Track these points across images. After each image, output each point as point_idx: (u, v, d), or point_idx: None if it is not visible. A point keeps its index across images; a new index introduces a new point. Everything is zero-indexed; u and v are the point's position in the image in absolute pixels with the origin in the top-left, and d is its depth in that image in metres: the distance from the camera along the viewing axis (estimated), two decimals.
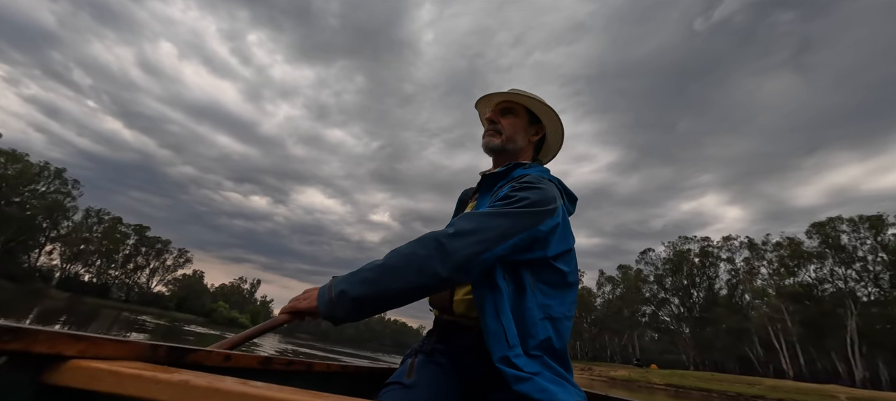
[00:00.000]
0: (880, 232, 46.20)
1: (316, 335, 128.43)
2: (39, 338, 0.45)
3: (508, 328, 0.79)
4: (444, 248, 0.75)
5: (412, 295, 0.76)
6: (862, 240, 47.35)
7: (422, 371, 0.90)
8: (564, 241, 0.91)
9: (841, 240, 47.99)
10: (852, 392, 26.76)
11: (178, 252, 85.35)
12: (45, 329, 0.47)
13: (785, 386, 28.63)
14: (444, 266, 0.74)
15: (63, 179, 60.92)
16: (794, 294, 46.69)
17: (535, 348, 0.81)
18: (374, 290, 0.74)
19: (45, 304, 26.53)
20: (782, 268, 51.03)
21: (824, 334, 43.41)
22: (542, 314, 0.84)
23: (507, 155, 1.10)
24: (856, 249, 47.33)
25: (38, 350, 0.46)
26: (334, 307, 0.75)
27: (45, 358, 0.47)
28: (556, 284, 0.89)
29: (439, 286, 0.76)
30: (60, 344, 0.47)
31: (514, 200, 0.85)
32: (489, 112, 1.14)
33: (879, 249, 45.89)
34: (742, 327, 48.73)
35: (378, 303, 0.75)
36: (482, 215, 0.81)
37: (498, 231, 0.79)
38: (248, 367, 0.79)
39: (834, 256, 47.66)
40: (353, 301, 0.74)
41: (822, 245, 48.29)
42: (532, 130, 1.12)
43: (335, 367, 1.08)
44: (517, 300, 0.84)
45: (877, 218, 46.49)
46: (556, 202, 0.88)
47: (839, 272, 47.13)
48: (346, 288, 0.75)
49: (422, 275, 0.74)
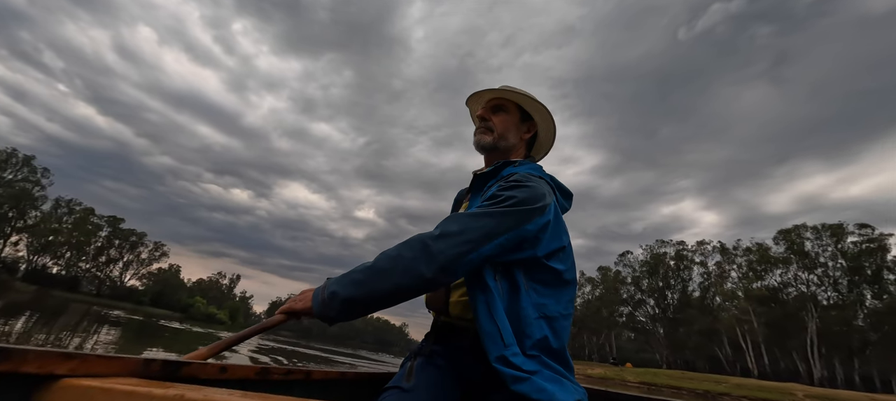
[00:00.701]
0: (840, 240, 49.05)
1: (298, 333, 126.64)
2: (28, 357, 0.44)
3: (503, 328, 0.80)
4: (429, 249, 0.76)
5: (400, 296, 0.77)
6: (824, 247, 50.15)
7: (421, 374, 0.91)
8: (557, 238, 0.90)
9: (805, 246, 50.66)
10: (809, 390, 28.46)
11: (153, 245, 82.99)
12: (33, 348, 0.45)
13: (749, 384, 30.11)
14: (428, 268, 0.75)
15: (32, 166, 58.42)
16: (760, 297, 49.04)
17: (533, 348, 0.81)
18: (363, 291, 0.76)
19: (9, 296, 25.58)
20: (751, 272, 53.57)
21: (787, 336, 45.78)
22: (538, 313, 0.84)
23: (499, 153, 1.10)
24: (818, 255, 50.07)
25: (28, 370, 0.45)
26: (327, 307, 0.77)
27: (35, 378, 0.45)
28: (550, 283, 0.88)
29: (426, 287, 0.78)
30: (50, 363, 0.46)
31: (500, 200, 0.84)
32: (480, 109, 1.13)
33: (839, 256, 48.73)
34: (713, 328, 50.82)
35: (367, 304, 0.77)
36: (467, 216, 0.82)
37: (482, 231, 0.79)
38: (244, 378, 0.79)
39: (798, 262, 50.27)
40: (343, 302, 0.76)
41: (788, 251, 50.85)
42: (524, 127, 1.12)
43: (333, 374, 1.09)
44: (512, 300, 0.84)
45: (837, 226, 49.39)
46: (546, 200, 0.88)
47: (802, 277, 49.76)
48: (337, 289, 0.77)
49: (408, 276, 0.75)
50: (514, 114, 1.10)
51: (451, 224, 0.80)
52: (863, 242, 48.21)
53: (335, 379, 1.06)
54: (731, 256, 56.41)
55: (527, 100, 1.08)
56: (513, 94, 1.09)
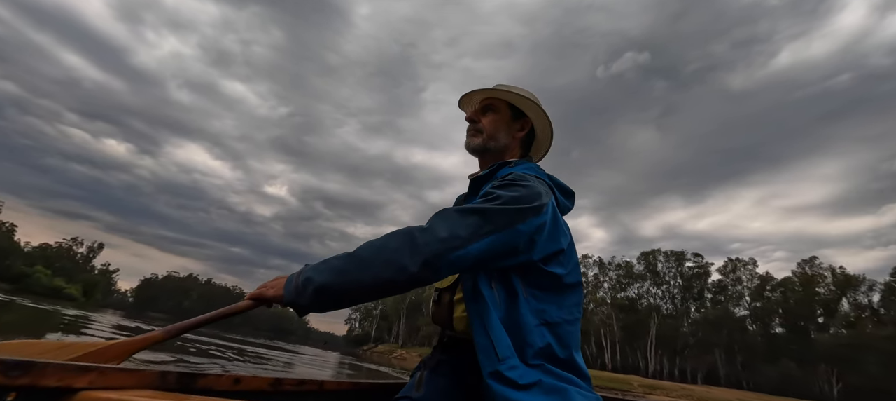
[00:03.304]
0: (681, 264, 63.49)
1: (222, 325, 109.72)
2: (48, 371, 0.46)
3: (497, 340, 0.76)
4: (414, 241, 0.73)
5: (380, 289, 0.73)
6: (669, 268, 63.98)
7: (430, 385, 0.91)
8: (555, 241, 0.86)
9: (657, 267, 63.89)
10: (643, 381, 37.08)
11: None
12: (53, 362, 0.47)
13: (602, 376, 37.03)
14: (412, 261, 0.71)
15: None
16: (622, 305, 60.63)
17: (535, 357, 0.78)
18: (340, 279, 0.72)
19: None
20: (618, 284, 65.57)
21: (636, 337, 57.46)
22: (538, 320, 0.81)
23: (491, 154, 1.06)
24: (664, 274, 63.90)
25: (47, 384, 0.46)
26: (299, 295, 0.73)
27: (55, 392, 0.47)
28: (549, 288, 0.85)
29: (409, 282, 0.73)
30: (69, 377, 0.47)
31: (491, 198, 0.81)
32: (469, 111, 1.10)
33: (678, 277, 62.81)
34: (584, 330, 60.51)
35: (344, 294, 0.73)
36: (456, 211, 0.78)
37: (471, 228, 0.75)
38: (258, 389, 0.79)
39: (651, 279, 63.13)
40: (317, 290, 0.71)
41: (646, 269, 63.42)
42: (516, 125, 1.06)
43: (346, 385, 1.09)
44: (510, 308, 0.81)
45: (680, 254, 64.13)
46: (542, 200, 0.83)
47: (653, 291, 62.63)
48: (311, 276, 0.73)
49: (390, 268, 0.71)
50: (505, 112, 1.06)
51: (440, 219, 0.77)
52: (695, 267, 63.07)
53: (347, 390, 1.08)
54: (606, 270, 67.78)
55: (516, 97, 1.03)
56: (502, 92, 1.05)
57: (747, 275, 61.05)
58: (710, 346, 53.43)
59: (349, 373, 13.66)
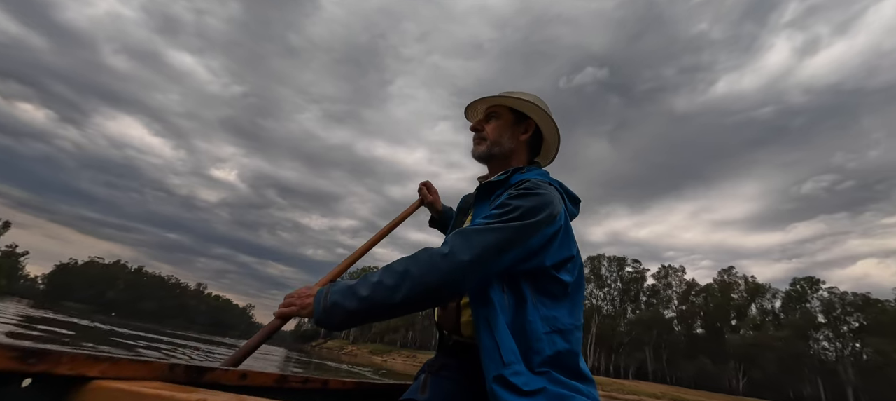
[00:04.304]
0: (621, 269, 69.13)
1: (96, 307, 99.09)
2: (62, 359, 0.48)
3: (503, 345, 0.77)
4: (438, 268, 0.75)
5: (405, 311, 0.77)
6: (611, 272, 69.35)
7: (435, 388, 0.93)
8: (566, 248, 0.88)
9: (601, 271, 68.87)
10: None
11: None
12: (67, 350, 0.49)
13: None
14: (437, 286, 0.75)
15: None
16: None
17: (542, 364, 0.78)
18: (367, 305, 0.76)
19: None
20: None
21: None
22: (548, 327, 0.81)
23: (497, 160, 1.08)
24: (606, 278, 69.16)
25: (62, 372, 0.48)
26: (329, 316, 0.78)
27: (69, 379, 0.49)
28: (558, 295, 0.86)
29: (433, 304, 0.80)
30: (83, 365, 0.50)
31: (509, 210, 0.82)
32: (474, 121, 1.13)
33: (618, 281, 68.33)
34: None
35: (370, 316, 0.77)
36: (475, 232, 0.79)
37: (493, 248, 0.77)
38: (264, 385, 0.82)
39: (595, 282, 67.87)
40: (347, 313, 0.76)
41: (591, 272, 68.04)
42: (520, 127, 1.08)
43: (350, 384, 1.11)
44: (518, 314, 0.82)
45: (621, 259, 69.86)
46: (556, 208, 0.85)
47: (596, 293, 67.32)
48: (339, 300, 0.77)
49: (415, 293, 0.75)
50: (507, 117, 1.08)
51: (461, 241, 0.78)
52: (634, 272, 68.96)
53: (352, 389, 1.11)
54: None
55: (516, 100, 1.05)
56: (503, 98, 1.07)
57: (677, 281, 68.52)
58: (642, 344, 59.25)
59: (294, 369, 13.25)
